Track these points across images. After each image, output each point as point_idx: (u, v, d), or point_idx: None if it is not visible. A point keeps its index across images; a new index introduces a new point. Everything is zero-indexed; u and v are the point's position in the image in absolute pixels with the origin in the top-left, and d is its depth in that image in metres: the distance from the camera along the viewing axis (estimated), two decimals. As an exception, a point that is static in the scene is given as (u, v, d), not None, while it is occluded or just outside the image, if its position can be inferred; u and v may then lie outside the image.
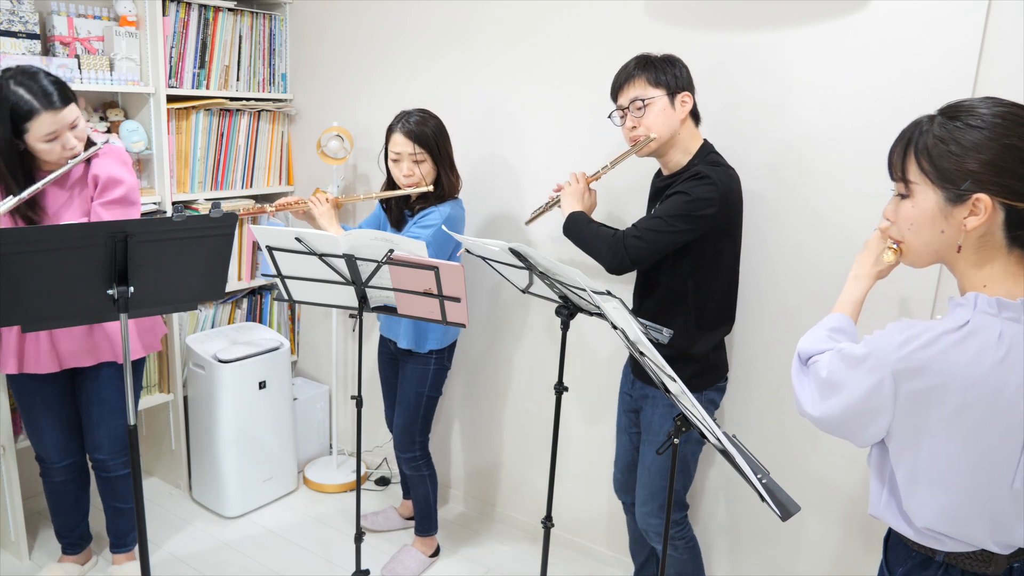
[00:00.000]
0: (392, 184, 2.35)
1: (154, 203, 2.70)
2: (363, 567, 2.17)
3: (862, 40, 1.91)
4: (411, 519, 2.76)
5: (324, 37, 3.01)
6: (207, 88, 2.86)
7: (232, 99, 2.92)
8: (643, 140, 1.87)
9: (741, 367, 2.20)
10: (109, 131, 2.66)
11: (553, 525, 2.07)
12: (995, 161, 1.03)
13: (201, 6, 2.78)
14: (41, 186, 1.94)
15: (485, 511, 2.92)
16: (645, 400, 2.02)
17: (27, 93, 1.89)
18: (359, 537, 2.14)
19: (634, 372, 2.06)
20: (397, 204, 2.41)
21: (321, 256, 1.85)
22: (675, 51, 1.91)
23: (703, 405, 1.95)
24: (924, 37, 1.83)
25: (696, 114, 1.93)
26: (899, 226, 1.16)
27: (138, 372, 2.39)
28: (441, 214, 2.25)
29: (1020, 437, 1.05)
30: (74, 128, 1.98)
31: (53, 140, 1.95)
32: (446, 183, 2.31)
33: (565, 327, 1.96)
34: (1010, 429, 1.04)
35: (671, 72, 1.86)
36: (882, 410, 1.10)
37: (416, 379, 2.43)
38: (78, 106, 2.00)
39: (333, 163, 2.84)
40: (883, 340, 1.09)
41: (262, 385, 2.79)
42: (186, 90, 2.78)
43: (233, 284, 3.04)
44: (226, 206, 2.90)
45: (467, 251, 2.03)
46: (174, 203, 2.77)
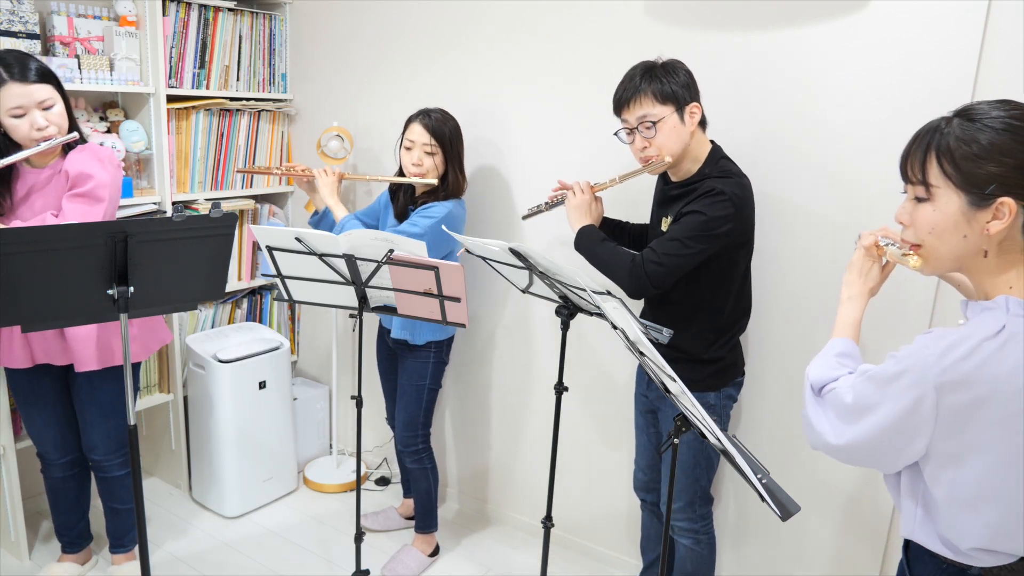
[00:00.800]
0: (401, 174, 2.40)
1: (154, 203, 2.70)
2: (363, 567, 2.17)
3: (862, 40, 1.91)
4: (411, 519, 2.77)
5: (324, 37, 3.01)
6: (207, 88, 2.86)
7: (232, 99, 2.92)
8: (658, 163, 1.84)
9: (751, 363, 2.20)
10: (109, 131, 2.66)
11: (553, 525, 2.07)
12: (1021, 164, 1.02)
13: (201, 6, 2.78)
14: (6, 162, 1.94)
15: (484, 510, 2.92)
16: (662, 401, 2.02)
17: (1, 65, 1.92)
18: (359, 537, 2.14)
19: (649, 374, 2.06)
20: (404, 196, 2.43)
21: (321, 256, 1.85)
22: (675, 51, 1.90)
23: (722, 401, 1.97)
24: (924, 37, 1.83)
25: (703, 120, 1.89)
26: (917, 231, 1.12)
27: (135, 374, 2.38)
28: (444, 208, 2.29)
29: None
30: (47, 109, 1.97)
31: (21, 116, 1.94)
32: (452, 181, 2.35)
33: (565, 327, 1.96)
34: None
35: (677, 83, 1.80)
36: (922, 427, 1.06)
37: (416, 373, 2.45)
38: (60, 92, 2.00)
39: (333, 163, 2.84)
40: (919, 354, 1.04)
41: (262, 385, 2.79)
42: (186, 90, 2.78)
43: (233, 284, 3.04)
44: (226, 206, 2.90)
45: (467, 251, 2.03)
46: (174, 203, 2.77)
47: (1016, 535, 1.08)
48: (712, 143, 1.91)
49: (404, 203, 2.43)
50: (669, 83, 1.79)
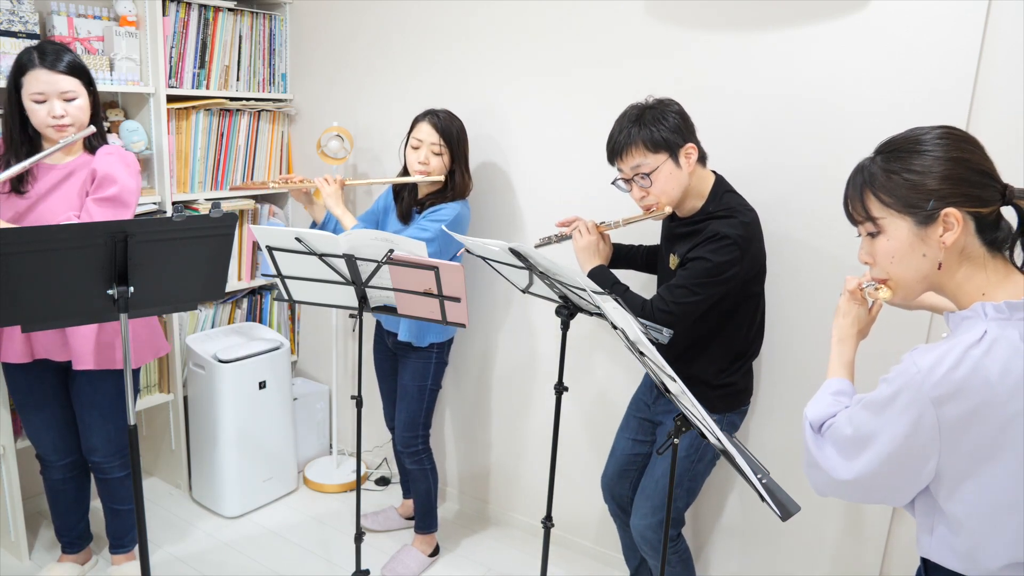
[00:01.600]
0: (404, 174, 2.39)
1: (154, 203, 2.70)
2: (363, 567, 2.17)
3: (862, 40, 1.91)
4: (411, 519, 2.77)
5: (324, 37, 3.01)
6: (207, 88, 2.86)
7: (232, 99, 2.92)
8: (657, 212, 1.85)
9: (756, 360, 2.20)
10: (109, 131, 2.66)
11: (553, 525, 2.07)
12: (949, 175, 1.07)
13: (201, 6, 2.78)
14: (32, 162, 1.96)
15: (484, 510, 2.92)
16: (667, 416, 2.02)
17: (35, 50, 1.97)
18: (359, 537, 2.14)
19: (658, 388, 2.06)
20: (408, 197, 2.43)
21: (321, 256, 1.85)
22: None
23: (724, 427, 1.95)
24: (924, 37, 1.83)
25: (703, 155, 1.86)
26: (879, 264, 1.16)
27: (135, 376, 2.38)
28: (453, 210, 2.29)
29: None
30: (69, 101, 1.99)
31: (41, 102, 1.97)
32: (458, 181, 2.36)
33: (565, 327, 1.96)
34: None
35: (668, 129, 1.77)
36: (930, 446, 1.04)
37: (418, 373, 2.45)
38: (89, 89, 2.04)
39: (333, 163, 2.84)
40: (908, 372, 1.04)
41: (262, 385, 2.79)
42: (186, 90, 2.78)
43: (233, 284, 3.04)
44: (226, 206, 2.90)
45: (467, 251, 2.03)
46: (174, 203, 2.77)
47: None
48: (715, 175, 1.89)
49: (409, 204, 2.42)
50: (659, 130, 1.77)
